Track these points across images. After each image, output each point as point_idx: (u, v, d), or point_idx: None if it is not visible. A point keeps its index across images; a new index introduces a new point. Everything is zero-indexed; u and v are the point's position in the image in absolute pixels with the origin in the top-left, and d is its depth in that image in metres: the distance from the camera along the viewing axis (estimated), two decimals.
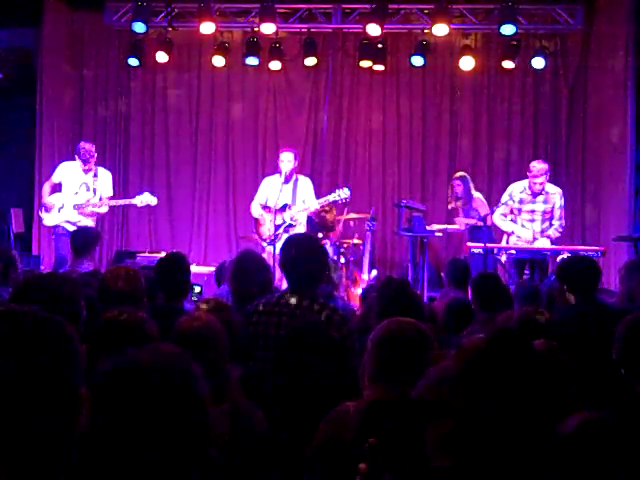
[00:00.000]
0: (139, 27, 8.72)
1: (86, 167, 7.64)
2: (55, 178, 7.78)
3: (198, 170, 10.09)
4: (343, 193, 7.58)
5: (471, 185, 8.15)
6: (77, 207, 7.58)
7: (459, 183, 8.13)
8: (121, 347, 2.56)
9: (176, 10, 9.32)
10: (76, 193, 7.63)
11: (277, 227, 7.43)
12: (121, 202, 8.02)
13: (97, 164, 7.88)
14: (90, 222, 7.63)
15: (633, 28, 8.71)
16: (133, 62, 9.40)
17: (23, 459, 1.43)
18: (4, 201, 9.34)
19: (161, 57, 9.31)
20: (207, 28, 8.69)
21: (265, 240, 7.66)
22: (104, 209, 7.83)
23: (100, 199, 7.71)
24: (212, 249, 9.92)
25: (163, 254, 8.35)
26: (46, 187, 7.80)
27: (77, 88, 9.94)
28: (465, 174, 8.28)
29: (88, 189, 7.66)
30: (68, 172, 7.73)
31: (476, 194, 8.14)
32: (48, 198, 7.67)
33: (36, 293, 2.79)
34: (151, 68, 9.83)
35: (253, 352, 3.29)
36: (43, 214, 7.71)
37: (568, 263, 4.46)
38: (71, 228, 7.26)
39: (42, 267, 8.74)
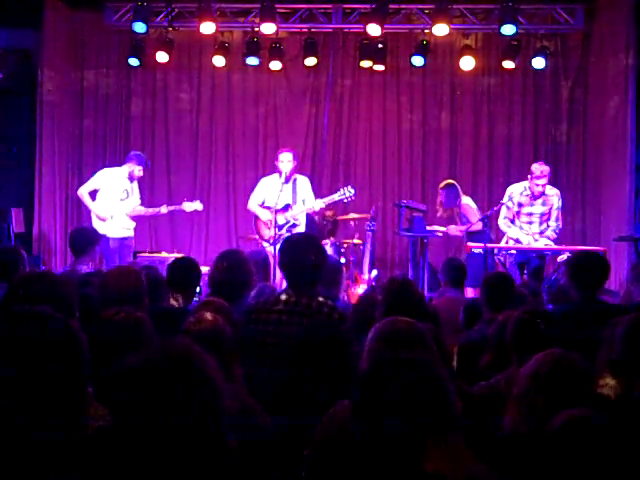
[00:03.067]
0: (139, 27, 8.72)
1: (141, 174, 8.02)
2: (96, 184, 7.94)
3: (198, 170, 10.09)
4: (348, 192, 7.58)
5: (459, 192, 8.10)
6: (129, 215, 7.93)
7: (443, 193, 8.12)
8: (117, 346, 2.57)
9: (176, 10, 9.31)
10: (122, 199, 7.92)
11: (280, 227, 7.40)
12: (172, 208, 8.25)
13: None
14: (134, 223, 8.04)
15: (633, 28, 8.70)
16: (133, 62, 9.41)
17: (33, 455, 1.44)
18: (4, 201, 9.34)
19: (161, 57, 9.31)
20: (207, 28, 8.69)
21: (267, 241, 7.61)
22: (164, 211, 8.17)
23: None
24: (212, 249, 9.89)
25: (164, 254, 8.45)
26: (86, 194, 7.94)
27: (77, 88, 9.94)
28: (451, 182, 8.20)
29: (128, 195, 7.96)
30: (109, 179, 7.95)
31: (465, 200, 8.08)
32: (100, 210, 7.82)
33: (31, 291, 2.79)
34: (151, 68, 9.83)
35: (252, 350, 3.29)
36: (97, 223, 7.79)
37: (577, 258, 4.37)
38: (124, 233, 7.87)
39: (43, 267, 8.74)
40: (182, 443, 1.52)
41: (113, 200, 7.88)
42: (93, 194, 7.98)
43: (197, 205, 8.21)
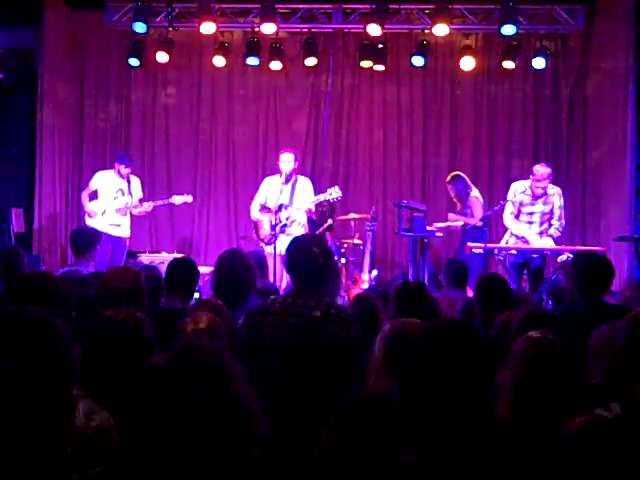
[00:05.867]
0: (139, 27, 8.73)
1: (127, 171, 8.26)
2: (92, 186, 8.37)
3: (199, 170, 10.09)
4: (334, 192, 7.60)
5: (468, 183, 8.14)
6: (119, 210, 8.19)
7: (451, 187, 8.16)
8: (117, 347, 2.56)
9: (177, 10, 9.32)
10: (115, 198, 8.23)
11: (273, 227, 7.46)
12: (159, 202, 8.47)
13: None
14: (128, 222, 8.31)
15: (634, 28, 8.70)
16: (134, 62, 9.41)
17: (18, 457, 1.43)
18: (4, 201, 9.33)
19: (161, 57, 9.31)
20: (208, 28, 8.68)
21: (263, 240, 7.69)
22: (148, 208, 8.39)
23: (138, 201, 8.36)
24: (212, 249, 9.90)
25: (164, 254, 8.46)
26: (85, 196, 8.41)
27: (77, 88, 9.93)
28: (457, 174, 8.25)
29: (124, 194, 8.24)
30: (104, 180, 8.31)
31: (474, 192, 8.12)
32: (89, 206, 8.26)
33: (27, 292, 2.78)
34: (152, 68, 9.83)
35: (259, 352, 3.28)
36: (87, 220, 8.23)
37: (582, 261, 4.30)
38: (113, 231, 8.15)
39: (43, 267, 8.73)
40: (204, 449, 1.51)
41: (107, 198, 8.22)
42: (94, 196, 8.32)
43: (187, 198, 8.38)
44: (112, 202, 8.22)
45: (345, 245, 8.36)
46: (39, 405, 1.47)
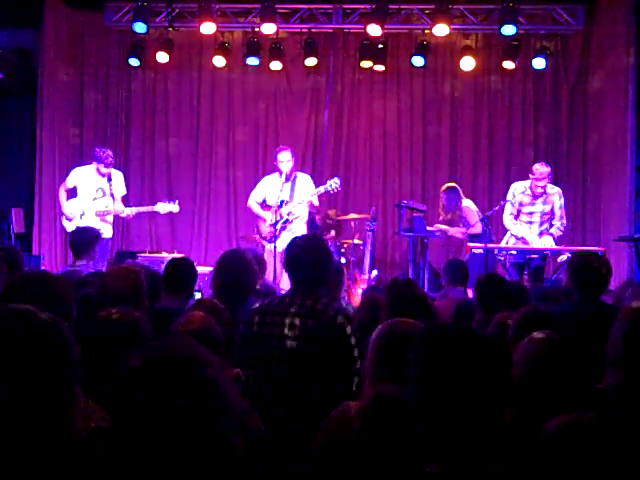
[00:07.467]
0: (140, 27, 8.73)
1: (107, 171, 7.67)
2: (69, 183, 7.86)
3: (199, 170, 10.09)
4: (334, 183, 7.61)
5: (461, 195, 8.13)
6: (99, 214, 7.70)
7: (444, 196, 8.15)
8: (114, 346, 2.56)
9: (177, 10, 9.32)
10: (94, 199, 7.74)
11: (274, 224, 7.46)
12: (143, 209, 7.96)
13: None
14: (110, 227, 7.83)
15: (634, 28, 8.70)
16: (134, 62, 9.41)
17: (18, 456, 1.43)
18: (4, 201, 9.34)
19: (162, 57, 9.32)
20: (208, 28, 8.69)
21: (265, 238, 7.70)
22: (131, 214, 7.87)
23: (121, 198, 7.84)
24: (212, 249, 9.91)
25: (164, 254, 8.44)
26: (62, 193, 7.88)
27: (77, 88, 9.93)
28: (452, 185, 8.22)
29: (105, 194, 7.75)
30: (83, 177, 7.82)
31: (465, 203, 8.10)
32: (67, 207, 7.78)
33: (27, 291, 2.78)
34: (152, 68, 9.84)
35: (256, 352, 3.28)
36: (65, 222, 7.82)
37: (579, 260, 4.26)
38: None
39: (42, 267, 8.74)
40: (183, 445, 1.51)
41: (86, 198, 7.77)
42: (73, 194, 7.86)
43: (173, 207, 7.86)
44: (92, 203, 7.72)
45: (345, 245, 8.37)
46: (40, 404, 1.47)
